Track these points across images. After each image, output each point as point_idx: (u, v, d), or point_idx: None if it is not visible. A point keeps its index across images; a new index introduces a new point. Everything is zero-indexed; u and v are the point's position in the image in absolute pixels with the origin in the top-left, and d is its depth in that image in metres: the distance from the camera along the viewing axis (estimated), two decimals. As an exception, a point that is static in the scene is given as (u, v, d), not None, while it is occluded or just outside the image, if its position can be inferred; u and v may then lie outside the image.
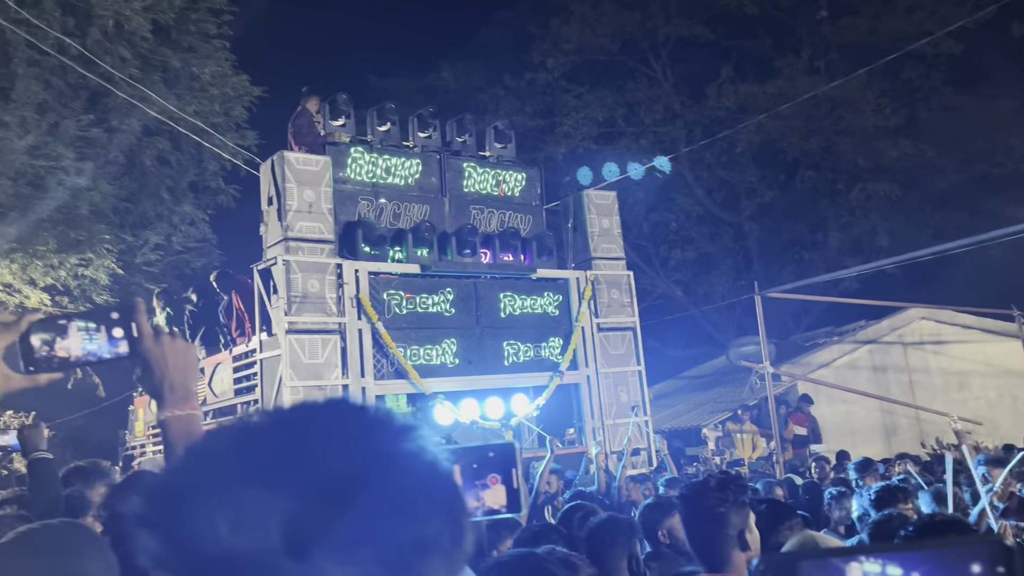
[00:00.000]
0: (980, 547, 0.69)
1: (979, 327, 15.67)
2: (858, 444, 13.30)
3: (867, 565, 0.69)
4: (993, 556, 0.68)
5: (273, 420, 0.75)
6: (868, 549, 0.71)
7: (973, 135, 20.62)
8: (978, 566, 0.67)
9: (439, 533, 0.70)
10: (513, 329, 9.90)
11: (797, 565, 0.71)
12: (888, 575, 0.68)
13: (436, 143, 10.37)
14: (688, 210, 22.45)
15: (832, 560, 0.71)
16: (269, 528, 0.65)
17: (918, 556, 0.70)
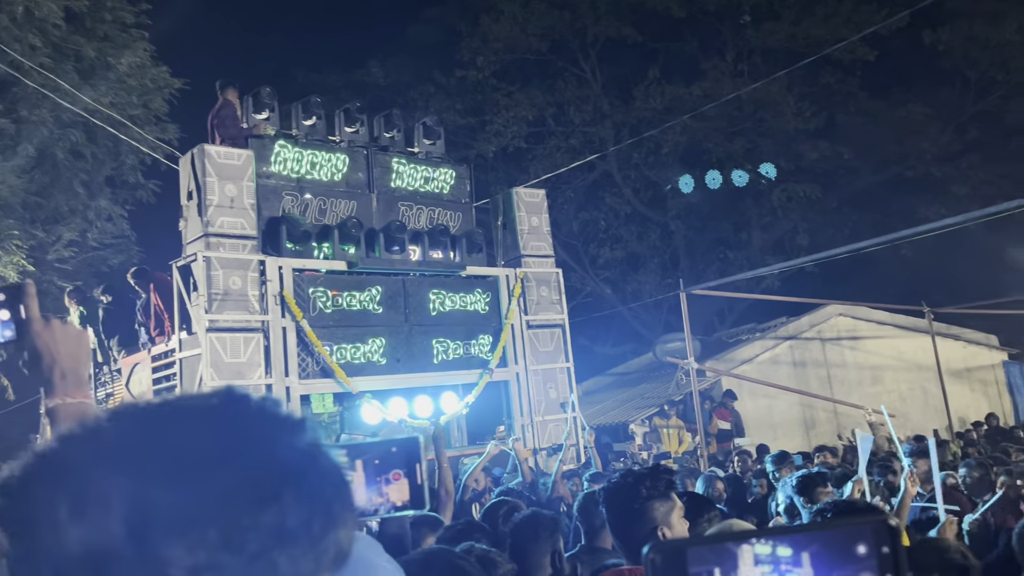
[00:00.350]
0: (865, 527, 0.70)
1: (892, 323, 16.31)
2: (779, 437, 13.69)
3: (758, 547, 0.69)
4: (878, 535, 0.69)
5: (136, 409, 0.71)
6: (758, 532, 0.71)
7: (887, 139, 21.45)
8: (863, 546, 0.69)
9: (305, 523, 0.66)
10: (442, 327, 9.83)
11: (685, 551, 0.71)
12: (779, 556, 0.69)
13: (363, 138, 10.22)
14: (616, 209, 22.75)
15: (724, 545, 0.71)
16: (110, 513, 0.62)
17: (807, 537, 0.70)
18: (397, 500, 0.99)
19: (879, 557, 0.69)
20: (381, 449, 1.01)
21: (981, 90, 21.83)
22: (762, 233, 22.76)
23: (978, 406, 16.49)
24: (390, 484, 0.99)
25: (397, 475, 0.97)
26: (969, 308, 15.59)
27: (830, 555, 0.70)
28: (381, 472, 0.99)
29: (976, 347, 17.31)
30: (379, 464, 0.98)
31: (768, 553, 0.69)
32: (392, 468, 0.99)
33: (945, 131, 21.58)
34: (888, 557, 0.69)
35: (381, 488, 0.99)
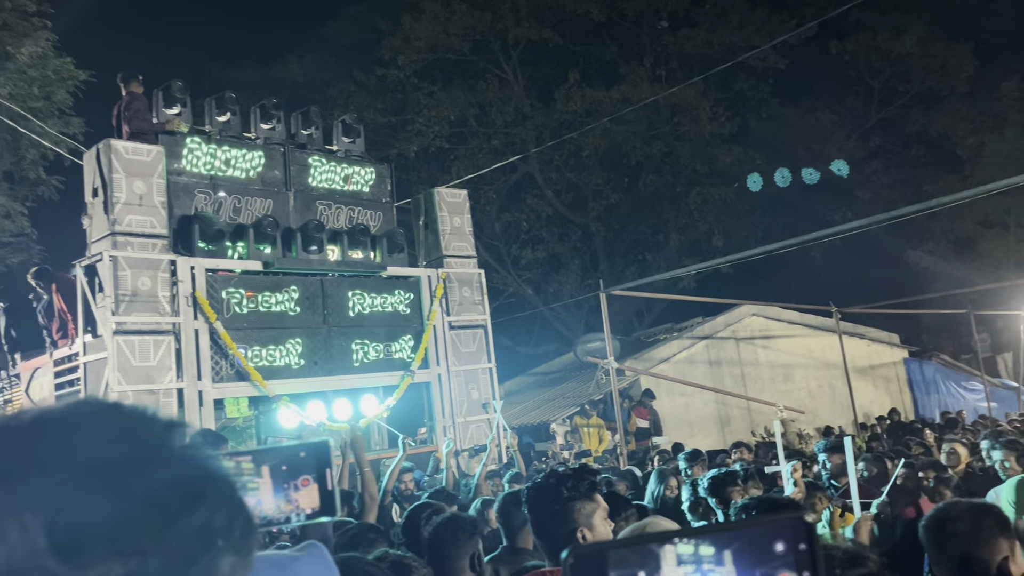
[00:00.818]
0: (783, 525, 0.71)
1: (802, 323, 16.90)
2: (696, 435, 14.03)
3: (680, 547, 0.69)
4: (796, 532, 0.70)
5: (34, 415, 0.65)
6: (678, 533, 0.71)
7: (796, 144, 22.24)
8: (782, 544, 0.69)
9: (228, 524, 0.63)
10: (362, 328, 9.68)
11: (605, 555, 0.70)
12: (701, 555, 0.69)
13: (280, 135, 9.98)
14: (538, 211, 22.89)
15: (647, 546, 0.70)
16: (27, 527, 0.56)
17: (728, 536, 0.70)
18: (307, 507, 0.94)
19: (796, 554, 0.69)
20: (289, 454, 0.96)
21: (883, 99, 22.88)
22: (679, 235, 23.28)
23: (881, 402, 17.26)
24: (299, 491, 0.94)
25: (306, 480, 0.92)
26: (873, 308, 16.30)
27: (751, 553, 0.70)
28: (289, 478, 0.94)
29: (880, 345, 18.10)
30: (287, 470, 0.93)
31: (691, 553, 0.69)
32: (301, 473, 0.94)
33: (851, 138, 22.52)
34: (805, 554, 0.69)
35: (290, 495, 0.94)
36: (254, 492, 0.91)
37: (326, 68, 22.65)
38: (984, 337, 19.78)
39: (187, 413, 7.97)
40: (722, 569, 0.69)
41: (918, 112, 22.29)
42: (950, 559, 2.35)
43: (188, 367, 8.11)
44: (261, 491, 0.91)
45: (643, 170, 22.86)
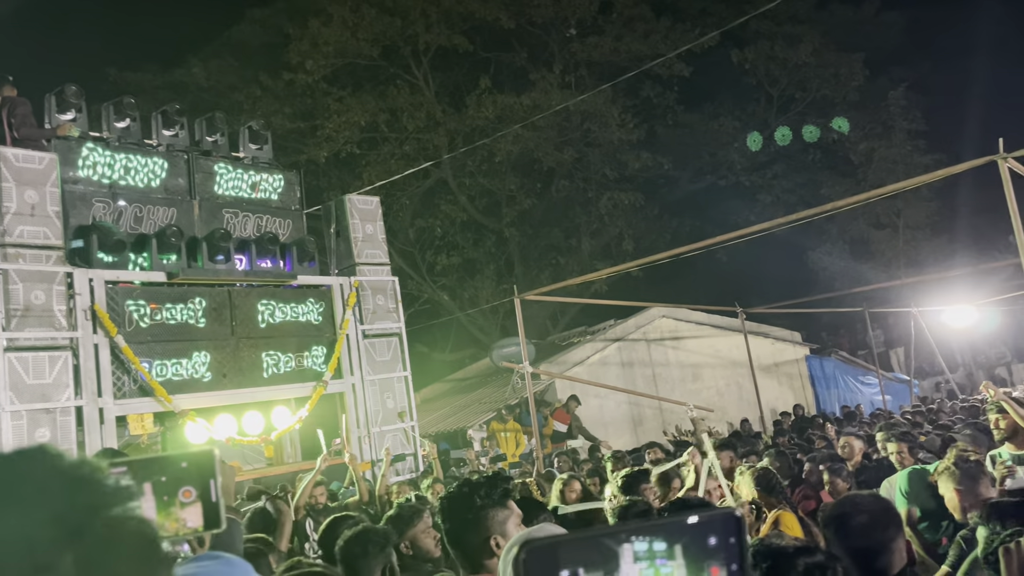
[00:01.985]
0: (715, 519, 0.76)
1: (710, 323, 17.42)
2: (610, 435, 14.25)
3: (637, 544, 0.72)
4: (726, 526, 0.74)
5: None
6: (624, 528, 0.73)
7: (702, 150, 22.93)
8: (714, 538, 0.74)
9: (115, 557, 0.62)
10: (273, 339, 9.47)
11: (557, 550, 0.71)
12: (655, 551, 0.73)
13: (184, 142, 9.68)
14: (452, 216, 22.84)
15: (604, 544, 0.72)
16: None
17: (677, 531, 0.74)
18: (191, 522, 0.90)
19: (727, 548, 0.74)
20: (170, 465, 0.91)
21: (782, 106, 23.83)
22: (591, 239, 23.63)
23: (785, 398, 17.95)
24: (184, 507, 0.91)
25: (188, 493, 0.89)
26: (776, 308, 16.95)
27: (695, 547, 0.74)
28: (171, 491, 0.90)
29: (783, 343, 18.83)
30: (166, 481, 0.89)
31: (646, 549, 0.72)
32: (183, 486, 0.90)
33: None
34: (735, 547, 0.74)
35: (170, 511, 0.90)
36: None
37: (231, 72, 22.04)
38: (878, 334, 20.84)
39: (87, 432, 7.63)
40: (673, 563, 0.73)
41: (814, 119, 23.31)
42: (850, 551, 2.45)
43: (87, 383, 7.77)
44: (144, 508, 0.87)
45: (555, 175, 23.12)
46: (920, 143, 22.72)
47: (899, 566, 2.46)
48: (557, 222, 23.89)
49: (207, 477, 0.89)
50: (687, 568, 0.73)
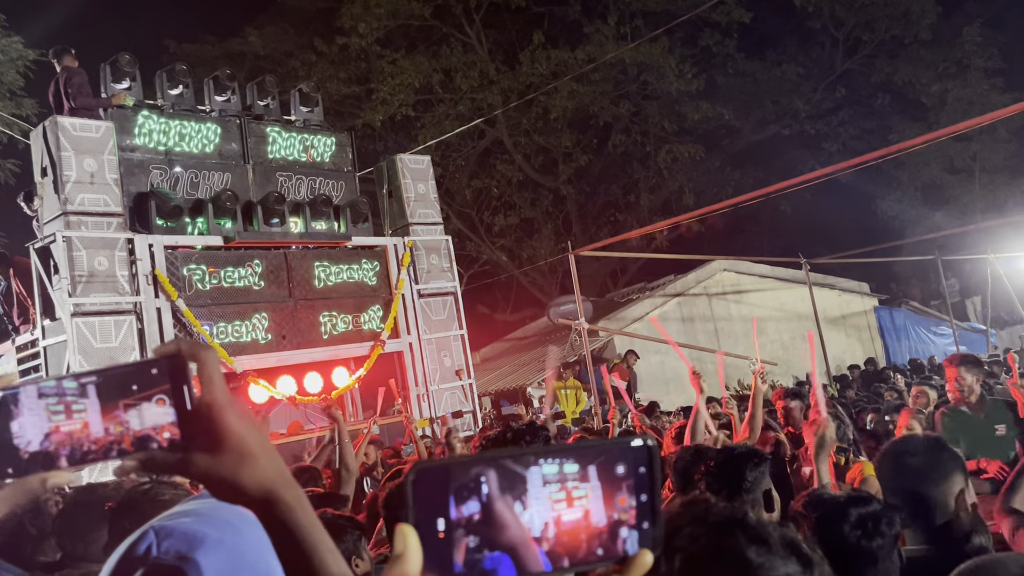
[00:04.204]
0: (623, 446, 0.72)
1: (773, 276, 16.99)
2: (671, 392, 14.11)
3: (546, 467, 0.69)
4: (636, 455, 0.71)
5: None
6: (530, 451, 0.70)
7: (764, 99, 22.18)
8: (622, 465, 0.71)
9: None
10: (329, 300, 9.60)
11: (449, 471, 0.68)
12: (566, 472, 0.70)
13: (236, 107, 9.79)
14: (508, 176, 22.72)
15: (504, 464, 0.69)
16: None
17: (592, 454, 0.71)
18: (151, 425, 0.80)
19: (636, 476, 0.71)
20: (134, 371, 0.83)
21: (848, 50, 22.84)
22: (650, 195, 23.24)
23: (853, 351, 17.46)
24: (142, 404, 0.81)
25: (161, 401, 0.81)
26: (842, 258, 16.41)
27: (608, 472, 0.71)
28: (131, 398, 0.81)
29: (850, 295, 18.27)
30: (136, 389, 0.81)
31: (555, 472, 0.69)
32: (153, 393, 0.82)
33: (817, 90, 22.50)
34: (645, 476, 0.71)
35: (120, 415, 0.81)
36: (80, 415, 0.81)
37: (286, 40, 22.18)
38: (952, 282, 20.04)
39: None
40: (588, 485, 0.70)
41: (883, 61, 22.28)
42: (904, 491, 2.33)
43: (152, 347, 7.99)
44: (88, 413, 0.81)
45: (612, 131, 22.72)
46: (998, 81, 21.49)
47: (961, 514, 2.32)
48: (615, 178, 23.54)
49: (181, 383, 0.81)
50: (603, 491, 0.69)
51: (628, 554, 0.70)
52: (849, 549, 1.94)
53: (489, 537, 0.67)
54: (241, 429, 0.84)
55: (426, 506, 0.67)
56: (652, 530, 0.70)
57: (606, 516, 0.70)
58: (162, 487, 2.70)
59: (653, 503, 0.71)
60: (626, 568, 0.70)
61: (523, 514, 0.68)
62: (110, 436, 0.80)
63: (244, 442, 0.84)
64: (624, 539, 0.70)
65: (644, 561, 0.70)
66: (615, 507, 0.70)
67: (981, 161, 21.88)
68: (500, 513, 0.67)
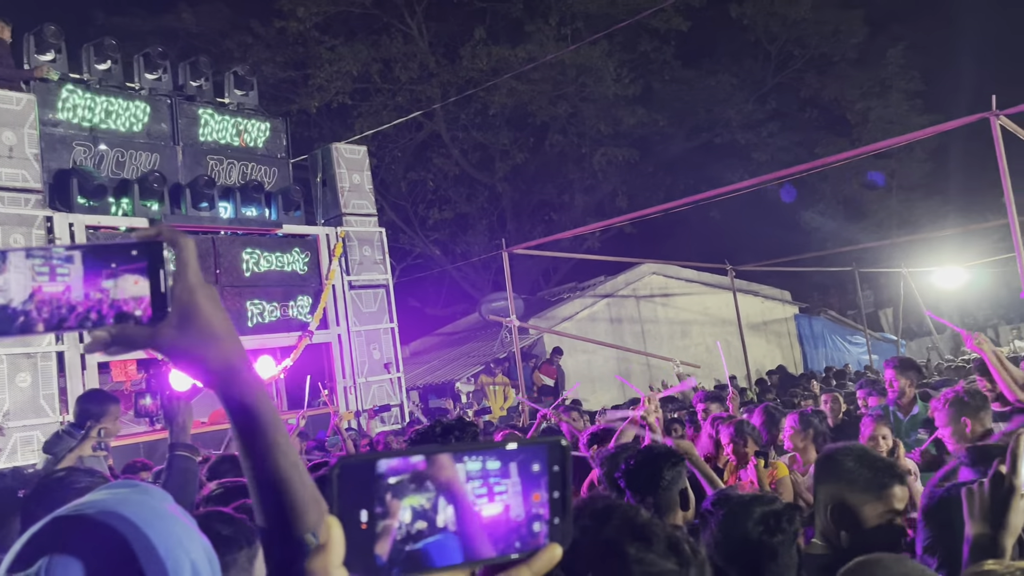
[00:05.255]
0: (539, 446, 0.74)
1: (699, 281, 17.40)
2: (597, 391, 14.34)
3: (469, 464, 0.71)
4: (551, 454, 0.74)
5: None
6: (454, 448, 0.72)
7: (698, 107, 22.67)
8: (538, 464, 0.73)
9: None
10: (257, 287, 9.44)
11: (376, 465, 0.69)
12: (489, 469, 0.72)
13: (167, 86, 9.52)
14: (445, 170, 22.68)
15: (437, 457, 0.71)
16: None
17: (510, 453, 0.73)
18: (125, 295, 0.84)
19: (550, 474, 0.73)
20: (116, 250, 0.86)
21: (780, 64, 23.52)
22: (584, 196, 23.50)
23: (773, 356, 18.03)
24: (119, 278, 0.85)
25: (137, 280, 0.85)
26: (766, 266, 16.92)
27: (526, 470, 0.73)
28: (110, 272, 0.85)
29: (772, 302, 18.84)
30: (116, 267, 0.84)
31: (479, 468, 0.71)
32: (130, 270, 0.85)
33: (749, 101, 23.10)
34: (558, 475, 0.74)
35: (101, 283, 0.85)
36: (63, 279, 0.84)
37: (221, 19, 21.61)
38: (868, 294, 20.87)
39: (68, 377, 7.62)
40: (508, 481, 0.72)
41: (812, 77, 23.03)
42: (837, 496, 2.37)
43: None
44: (71, 278, 0.84)
45: (549, 130, 22.89)
46: (917, 103, 22.49)
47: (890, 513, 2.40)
48: (550, 178, 23.73)
49: (157, 267, 0.86)
50: (522, 488, 0.72)
51: (541, 547, 0.73)
52: (751, 545, 2.04)
53: (411, 529, 0.69)
54: (210, 310, 0.91)
55: (350, 498, 0.68)
56: (562, 525, 0.73)
57: (525, 511, 0.72)
58: (77, 474, 2.64)
59: (564, 499, 0.74)
60: (535, 560, 0.73)
61: (446, 508, 0.70)
62: (88, 303, 0.84)
63: (212, 322, 0.91)
64: (540, 533, 0.73)
65: (554, 554, 0.73)
66: (531, 503, 0.73)
67: (899, 178, 22.86)
68: (423, 507, 0.69)
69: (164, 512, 0.96)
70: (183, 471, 2.81)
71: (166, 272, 0.85)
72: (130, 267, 0.84)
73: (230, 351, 0.92)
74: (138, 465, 5.37)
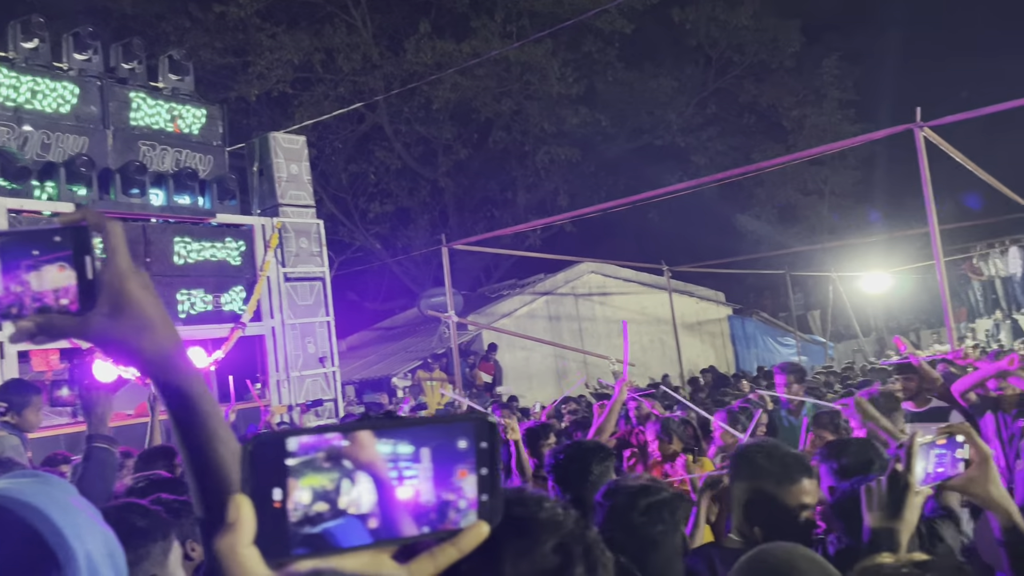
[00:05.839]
0: (468, 424, 0.73)
1: (637, 280, 17.65)
2: (534, 387, 14.43)
3: (380, 446, 0.70)
4: (479, 431, 0.73)
5: None
6: (367, 425, 0.70)
7: (639, 109, 22.96)
8: (465, 441, 0.72)
9: None
10: (189, 277, 9.22)
11: (285, 441, 0.68)
12: (399, 453, 0.70)
13: (98, 68, 9.22)
14: (387, 163, 22.48)
15: (355, 435, 0.69)
16: None
17: (425, 435, 0.72)
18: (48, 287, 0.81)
19: (478, 452, 0.72)
20: (37, 238, 0.82)
21: (720, 69, 23.97)
22: (527, 193, 23.58)
23: (707, 356, 18.40)
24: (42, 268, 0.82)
25: (62, 267, 0.81)
26: (701, 267, 17.26)
27: (444, 451, 0.72)
28: (32, 261, 0.81)
29: (707, 303, 19.23)
30: (38, 254, 0.81)
31: (389, 452, 0.70)
32: (54, 258, 0.81)
33: (689, 105, 23.49)
34: (486, 451, 0.73)
35: (21, 275, 0.82)
36: None
37: (158, 1, 21.00)
38: (799, 297, 21.45)
39: (-15, 366, 7.33)
40: (419, 466, 0.71)
41: (750, 83, 23.52)
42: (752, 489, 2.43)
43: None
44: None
45: (493, 127, 22.89)
46: (850, 112, 23.19)
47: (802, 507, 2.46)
48: (493, 174, 23.74)
49: (83, 253, 0.82)
50: (434, 472, 0.71)
51: (460, 528, 0.72)
52: (635, 535, 2.08)
53: (317, 509, 0.68)
54: (142, 297, 0.88)
55: (263, 477, 0.67)
56: (491, 502, 0.73)
57: (436, 496, 0.71)
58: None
59: (493, 477, 0.73)
60: (461, 538, 0.72)
61: (353, 489, 0.69)
62: (9, 296, 0.80)
63: (144, 310, 0.87)
64: (460, 512, 0.72)
65: (480, 531, 0.73)
66: (454, 481, 0.72)
67: (831, 185, 23.54)
68: (333, 486, 0.68)
69: (65, 503, 0.94)
70: (101, 463, 2.74)
71: (93, 259, 0.83)
72: (54, 255, 0.81)
73: (164, 339, 0.89)
74: (59, 458, 5.22)
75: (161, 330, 0.89)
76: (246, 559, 0.67)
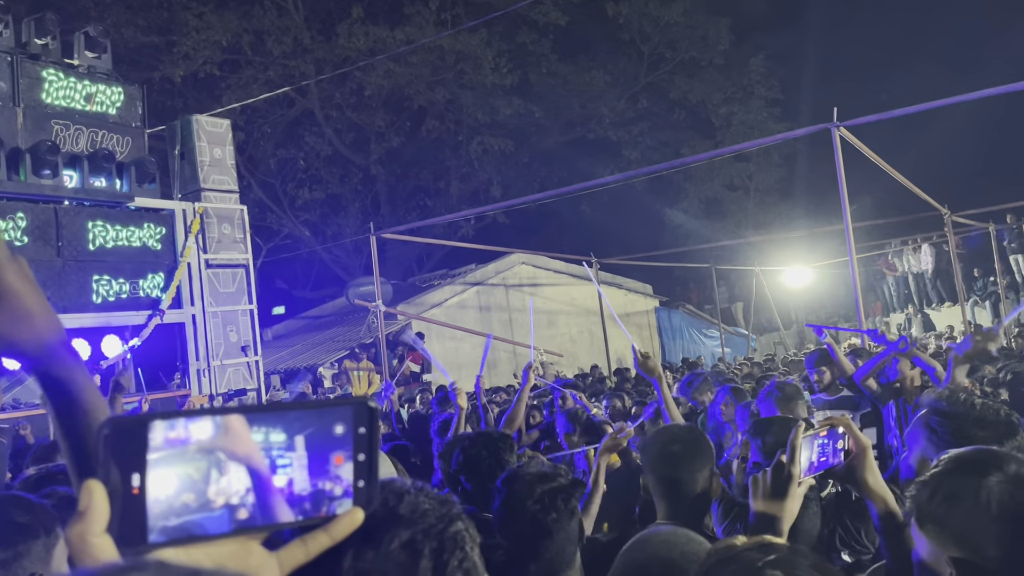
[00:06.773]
0: (345, 409, 0.72)
1: (567, 272, 17.81)
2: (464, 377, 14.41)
3: (255, 434, 0.68)
4: (357, 416, 0.72)
5: None
6: (237, 409, 0.69)
7: (572, 101, 23.11)
8: (342, 426, 0.71)
9: None
10: (105, 263, 8.92)
11: (148, 427, 0.65)
12: (272, 442, 0.69)
13: (8, 43, 8.81)
14: (317, 149, 22.11)
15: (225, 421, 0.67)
16: None
17: (299, 422, 0.70)
18: None
19: (356, 436, 0.71)
20: None
21: (652, 64, 24.30)
22: (460, 183, 23.51)
23: (634, 347, 18.67)
24: None
25: None
26: (628, 259, 17.51)
27: (321, 439, 0.70)
28: None
29: (635, 295, 19.52)
30: None
31: (261, 440, 0.68)
32: None
33: (621, 99, 23.75)
34: (364, 437, 0.72)
35: None
36: None
37: (78, -26, 20.16)
38: (723, 290, 21.96)
39: None
40: (293, 454, 0.69)
41: (681, 79, 23.91)
42: (662, 478, 2.47)
43: None
44: None
45: (426, 115, 22.74)
46: (776, 111, 23.79)
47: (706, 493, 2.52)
48: (426, 163, 23.59)
49: None
50: (308, 459, 0.70)
51: (335, 514, 0.71)
52: (528, 523, 2.10)
53: (181, 497, 0.65)
54: (20, 287, 0.85)
55: (121, 461, 0.64)
56: (368, 488, 0.72)
57: (311, 483, 0.70)
58: None
59: (371, 462, 0.72)
60: (335, 525, 0.71)
61: (224, 474, 0.67)
62: None
63: (22, 300, 0.85)
64: (335, 500, 0.71)
65: (355, 518, 0.72)
66: (330, 468, 0.70)
67: (756, 181, 24.14)
68: (195, 473, 0.66)
69: None
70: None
71: None
72: None
73: (44, 329, 0.87)
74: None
75: (41, 320, 0.87)
76: (96, 548, 0.64)
